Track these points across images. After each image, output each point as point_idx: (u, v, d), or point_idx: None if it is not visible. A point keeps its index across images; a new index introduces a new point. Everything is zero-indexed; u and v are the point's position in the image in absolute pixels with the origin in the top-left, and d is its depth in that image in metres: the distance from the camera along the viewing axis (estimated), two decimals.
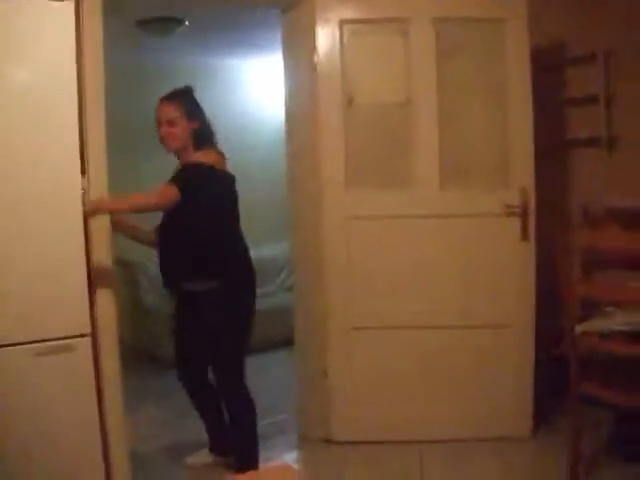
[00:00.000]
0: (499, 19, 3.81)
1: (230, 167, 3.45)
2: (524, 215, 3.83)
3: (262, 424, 4.27)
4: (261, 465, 3.44)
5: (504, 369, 3.91)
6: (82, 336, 2.94)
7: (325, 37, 3.81)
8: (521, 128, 3.83)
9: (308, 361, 4.10)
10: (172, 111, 3.38)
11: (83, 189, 3.04)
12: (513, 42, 3.81)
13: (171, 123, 3.37)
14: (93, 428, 3.01)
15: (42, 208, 2.86)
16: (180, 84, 3.59)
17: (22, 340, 2.82)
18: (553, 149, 4.38)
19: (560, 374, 3.41)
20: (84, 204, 2.99)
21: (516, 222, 3.84)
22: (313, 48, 3.82)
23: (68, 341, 2.90)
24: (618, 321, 3.11)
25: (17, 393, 2.83)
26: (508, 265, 3.87)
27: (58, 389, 2.90)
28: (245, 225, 3.49)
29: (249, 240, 3.53)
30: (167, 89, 5.41)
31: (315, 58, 3.82)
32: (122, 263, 5.75)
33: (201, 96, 6.52)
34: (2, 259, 2.78)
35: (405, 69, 3.85)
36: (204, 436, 3.82)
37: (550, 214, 3.99)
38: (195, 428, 3.91)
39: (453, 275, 3.90)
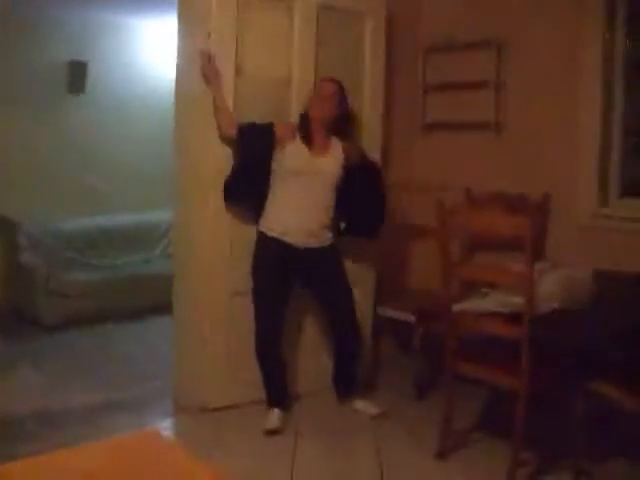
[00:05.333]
0: (360, 12, 4.22)
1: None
2: None
3: (138, 390, 4.24)
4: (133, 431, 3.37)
5: None
6: None
7: (221, 6, 3.76)
8: (371, 117, 4.31)
9: (186, 328, 4.05)
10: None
11: None
12: (371, 35, 4.29)
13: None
14: None
15: None
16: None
17: None
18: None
19: (438, 351, 3.52)
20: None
21: None
22: (208, 15, 3.76)
23: None
24: (493, 302, 3.20)
25: None
26: None
27: None
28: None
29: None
30: (56, 43, 5.19)
31: (209, 26, 3.76)
32: None
33: (92, 52, 6.33)
34: None
35: (288, 48, 4.01)
36: (76, 400, 3.69)
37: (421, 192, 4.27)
38: (70, 392, 3.79)
39: None
